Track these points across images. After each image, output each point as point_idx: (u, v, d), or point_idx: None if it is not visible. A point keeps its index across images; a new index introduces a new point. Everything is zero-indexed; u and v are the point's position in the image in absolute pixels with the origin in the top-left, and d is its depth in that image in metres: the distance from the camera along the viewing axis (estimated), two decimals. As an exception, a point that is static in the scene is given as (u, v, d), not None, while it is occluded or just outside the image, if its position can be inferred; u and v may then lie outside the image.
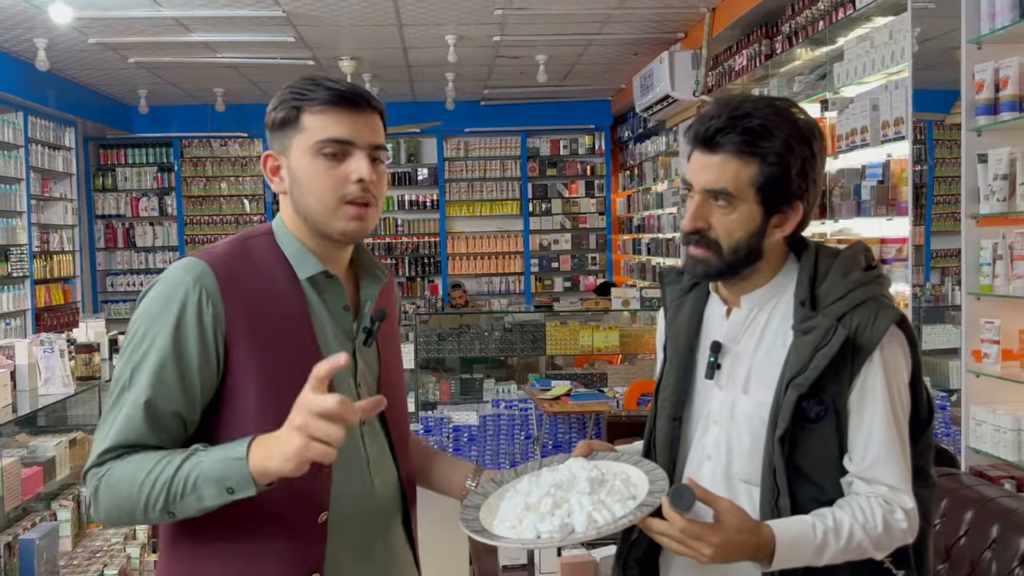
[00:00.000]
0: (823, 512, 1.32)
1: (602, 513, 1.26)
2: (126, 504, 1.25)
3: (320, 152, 1.32)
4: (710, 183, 1.36)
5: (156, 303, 1.29)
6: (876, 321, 1.32)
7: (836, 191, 3.97)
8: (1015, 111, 2.77)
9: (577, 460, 1.39)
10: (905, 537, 1.33)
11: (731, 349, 1.43)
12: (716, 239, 1.37)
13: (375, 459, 1.40)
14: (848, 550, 1.30)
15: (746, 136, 1.33)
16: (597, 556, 2.42)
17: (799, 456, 1.34)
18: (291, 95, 1.35)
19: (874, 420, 1.32)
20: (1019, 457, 2.76)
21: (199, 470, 1.21)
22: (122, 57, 6.78)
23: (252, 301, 1.31)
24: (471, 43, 6.52)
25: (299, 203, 1.36)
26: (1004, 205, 2.80)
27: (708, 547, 1.25)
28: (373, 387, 1.43)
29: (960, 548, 2.19)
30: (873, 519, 1.31)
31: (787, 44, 4.66)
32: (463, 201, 9.58)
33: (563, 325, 6.22)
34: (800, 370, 1.32)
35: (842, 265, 1.38)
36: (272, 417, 1.23)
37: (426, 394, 6.28)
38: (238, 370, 1.29)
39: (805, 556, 1.30)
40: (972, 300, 2.97)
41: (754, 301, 1.42)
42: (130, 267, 9.33)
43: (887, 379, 1.32)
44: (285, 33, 6.16)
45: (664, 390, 1.50)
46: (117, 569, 3.09)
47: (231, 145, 9.31)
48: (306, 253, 1.37)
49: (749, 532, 1.28)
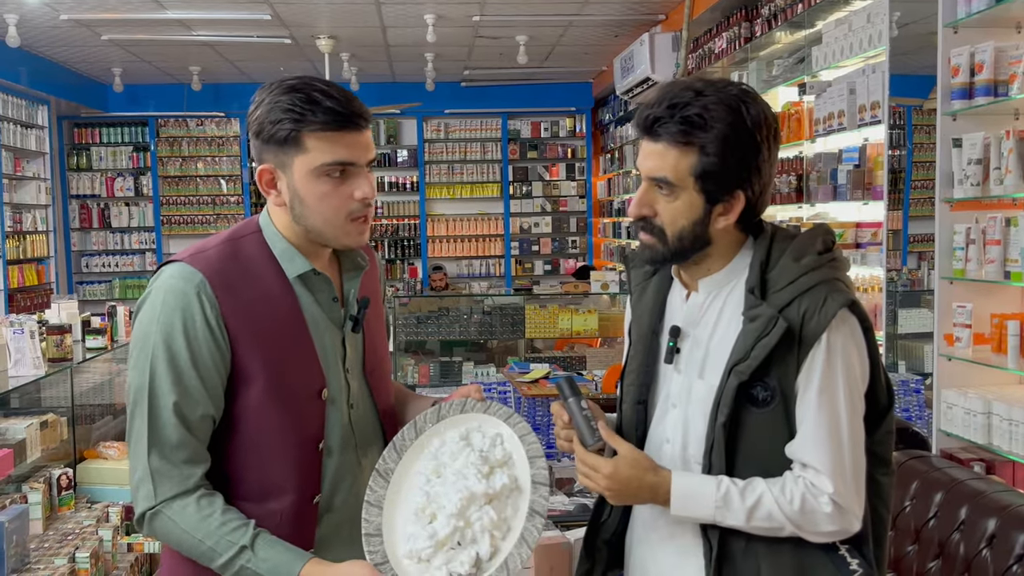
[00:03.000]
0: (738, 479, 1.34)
1: (500, 530, 1.32)
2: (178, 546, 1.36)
3: (324, 174, 1.36)
4: (652, 171, 1.36)
5: (161, 312, 1.34)
6: (824, 306, 1.31)
7: (813, 175, 3.98)
8: (990, 96, 2.78)
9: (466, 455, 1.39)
10: (833, 522, 1.32)
11: (690, 333, 1.43)
12: (661, 226, 1.37)
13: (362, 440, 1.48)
14: (758, 517, 1.32)
15: (683, 126, 1.31)
16: (571, 538, 2.43)
17: (745, 440, 1.35)
18: (289, 114, 1.35)
19: (809, 403, 1.32)
20: (989, 440, 2.79)
21: (248, 574, 1.31)
22: (95, 34, 6.67)
23: (247, 302, 1.37)
24: (450, 23, 6.46)
25: (302, 219, 1.40)
26: (978, 190, 2.82)
27: (603, 478, 1.36)
28: (359, 368, 1.50)
29: (929, 530, 2.21)
30: (790, 495, 1.31)
31: (766, 27, 4.65)
32: (443, 183, 9.53)
33: (542, 308, 6.22)
34: (742, 357, 1.33)
35: (795, 249, 1.37)
36: (273, 408, 1.36)
37: (405, 377, 6.27)
38: (243, 366, 1.36)
39: (705, 507, 1.33)
40: (945, 284, 3.00)
41: (711, 286, 1.42)
42: (105, 248, 9.22)
43: (829, 363, 1.32)
44: (261, 11, 6.07)
45: (629, 374, 1.50)
46: (89, 552, 3.05)
47: (208, 124, 9.19)
48: (293, 252, 1.42)
49: (644, 469, 1.36)
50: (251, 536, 1.31)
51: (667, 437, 1.44)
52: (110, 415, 4.16)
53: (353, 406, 1.48)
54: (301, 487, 1.40)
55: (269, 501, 1.37)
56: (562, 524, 2.66)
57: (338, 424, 1.44)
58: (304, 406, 1.40)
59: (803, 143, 4.09)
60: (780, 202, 4.20)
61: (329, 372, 1.43)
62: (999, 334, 2.79)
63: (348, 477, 1.44)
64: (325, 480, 1.43)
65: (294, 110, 1.34)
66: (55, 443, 3.48)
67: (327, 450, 1.43)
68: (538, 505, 1.32)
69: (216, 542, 1.31)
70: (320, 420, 1.42)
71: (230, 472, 1.39)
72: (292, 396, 1.39)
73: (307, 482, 1.40)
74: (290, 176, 1.38)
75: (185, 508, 1.32)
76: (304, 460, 1.40)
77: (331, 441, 1.43)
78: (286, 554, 1.31)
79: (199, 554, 1.32)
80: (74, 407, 3.68)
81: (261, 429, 1.38)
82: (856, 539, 1.37)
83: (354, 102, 1.38)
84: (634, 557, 1.52)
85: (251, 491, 1.37)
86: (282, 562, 1.30)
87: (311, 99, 1.34)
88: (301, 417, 1.40)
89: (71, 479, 3.46)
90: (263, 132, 1.37)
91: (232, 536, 1.31)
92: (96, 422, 4.01)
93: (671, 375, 1.44)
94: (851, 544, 1.37)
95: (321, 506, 1.42)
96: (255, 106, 1.39)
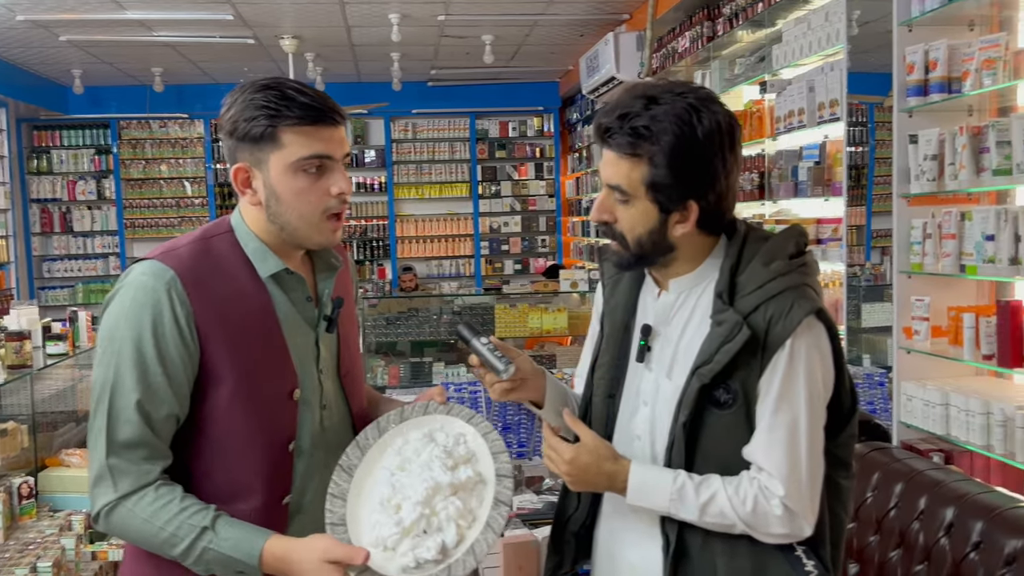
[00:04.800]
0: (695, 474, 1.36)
1: (466, 519, 1.33)
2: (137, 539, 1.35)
3: (301, 169, 1.36)
4: (608, 179, 1.37)
5: (130, 309, 1.33)
6: (790, 313, 1.32)
7: (775, 172, 4.02)
8: (944, 92, 2.82)
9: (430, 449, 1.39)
10: (783, 525, 1.33)
11: (661, 332, 1.44)
12: (622, 232, 1.38)
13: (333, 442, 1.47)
14: (711, 513, 1.33)
15: (631, 138, 1.31)
16: (539, 535, 2.44)
17: (706, 440, 1.36)
18: (264, 110, 1.35)
19: (767, 407, 1.33)
20: (947, 430, 2.84)
21: (211, 556, 1.30)
22: (53, 35, 6.55)
23: (218, 301, 1.36)
24: (415, 22, 6.44)
25: (278, 216, 1.39)
26: (934, 185, 2.86)
27: (563, 463, 1.39)
28: (334, 369, 1.50)
29: (890, 520, 2.25)
30: (743, 495, 1.33)
31: (728, 26, 4.69)
32: (412, 184, 9.50)
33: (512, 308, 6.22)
34: (706, 361, 1.34)
35: (766, 253, 1.37)
36: (242, 409, 1.36)
37: (375, 379, 6.24)
38: (213, 366, 1.35)
39: (661, 499, 1.35)
40: (903, 278, 3.04)
41: (682, 286, 1.43)
42: (68, 252, 9.06)
43: (792, 369, 1.32)
44: (223, 11, 6.01)
45: (600, 368, 1.50)
46: (51, 561, 3.00)
47: (171, 126, 9.07)
48: (266, 251, 1.41)
49: (604, 458, 1.39)
50: (212, 517, 1.31)
51: (637, 434, 1.45)
52: (72, 422, 4.09)
53: (326, 407, 1.47)
54: (271, 488, 1.39)
55: (238, 502, 1.36)
56: (530, 522, 2.67)
57: (310, 425, 1.44)
58: (275, 407, 1.40)
59: (765, 141, 4.14)
60: (743, 199, 4.24)
61: (302, 373, 1.42)
62: (956, 327, 2.83)
63: (319, 478, 1.43)
64: (296, 481, 1.42)
65: (269, 106, 1.34)
66: (15, 451, 3.42)
67: (298, 451, 1.42)
68: (503, 496, 1.33)
69: (177, 527, 1.30)
70: (292, 421, 1.41)
71: (198, 472, 1.38)
72: (263, 396, 1.39)
73: (277, 483, 1.40)
74: (266, 173, 1.38)
75: (143, 498, 1.31)
76: (274, 461, 1.39)
77: (302, 442, 1.43)
78: (248, 531, 1.31)
79: (160, 543, 1.31)
80: (35, 414, 3.61)
81: (230, 429, 1.37)
82: (813, 541, 1.38)
83: (328, 99, 1.39)
84: (601, 549, 1.53)
85: (219, 491, 1.36)
86: (244, 539, 1.30)
87: (285, 96, 1.35)
88: (272, 418, 1.39)
89: (32, 488, 3.40)
90: (237, 130, 1.36)
91: (193, 520, 1.30)
92: (58, 429, 3.94)
93: (642, 372, 1.45)
94: (808, 545, 1.38)
95: (291, 507, 1.42)
96: (227, 107, 1.38)
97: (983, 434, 2.70)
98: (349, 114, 8.98)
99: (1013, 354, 2.58)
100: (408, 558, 1.29)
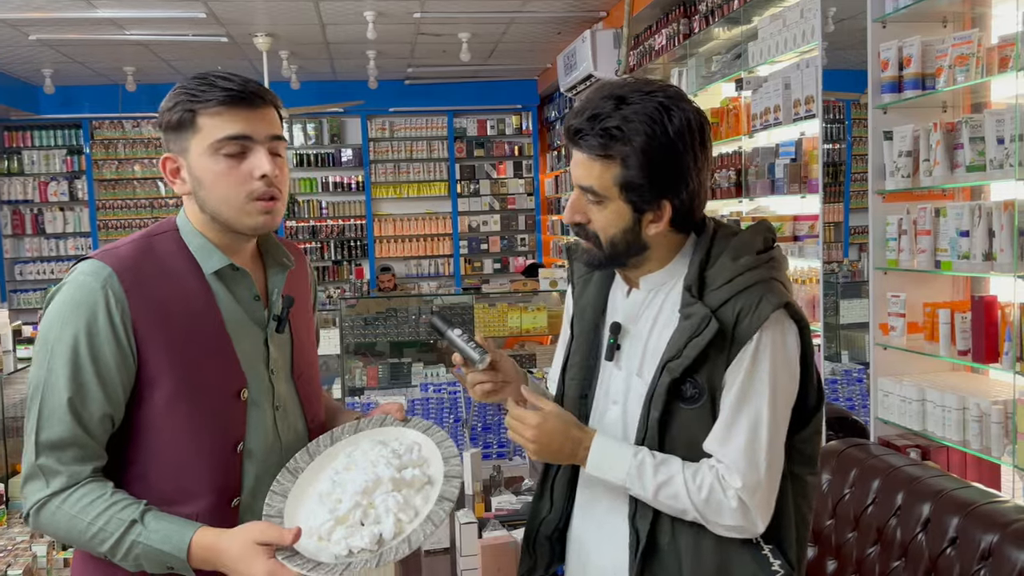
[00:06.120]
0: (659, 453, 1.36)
1: (407, 513, 1.31)
2: (68, 536, 1.31)
3: (219, 152, 1.34)
4: (579, 180, 1.36)
5: (65, 308, 1.30)
6: (759, 307, 1.31)
7: (751, 170, 4.02)
8: (918, 89, 2.83)
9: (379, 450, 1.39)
10: (735, 517, 1.32)
11: (630, 330, 1.43)
12: (595, 233, 1.38)
13: (288, 445, 1.45)
14: (667, 494, 1.33)
15: (603, 139, 1.31)
16: (518, 537, 2.42)
17: (672, 435, 1.36)
18: (185, 96, 1.35)
19: (730, 400, 1.33)
20: (923, 426, 2.85)
21: (139, 550, 1.27)
22: (22, 34, 6.44)
23: (159, 300, 1.33)
24: (391, 19, 6.39)
25: (205, 203, 1.37)
26: (908, 181, 2.87)
27: (529, 429, 1.37)
28: (287, 371, 1.47)
29: (868, 516, 2.25)
30: (700, 481, 1.33)
31: (704, 23, 4.69)
32: (390, 183, 9.44)
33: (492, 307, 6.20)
34: (675, 355, 1.33)
35: (734, 248, 1.37)
36: (184, 411, 1.33)
37: (353, 380, 6.19)
38: (151, 367, 1.32)
39: (618, 471, 1.35)
40: (879, 275, 3.05)
41: (652, 283, 1.42)
42: (40, 255, 8.94)
43: (756, 363, 1.32)
44: (196, 9, 5.93)
45: (572, 367, 1.50)
46: (22, 569, 2.95)
47: (144, 126, 8.97)
48: (211, 248, 1.39)
49: (569, 424, 1.38)
50: (141, 511, 1.28)
51: (608, 433, 1.43)
52: (44, 427, 4.02)
53: (279, 408, 1.44)
54: (218, 490, 1.36)
55: (182, 504, 1.33)
56: (509, 523, 2.65)
57: (261, 426, 1.40)
58: (221, 407, 1.36)
59: (741, 138, 4.14)
60: (720, 197, 4.25)
61: (250, 372, 1.39)
62: (931, 323, 2.85)
63: (271, 480, 1.40)
64: (245, 483, 1.39)
65: (188, 92, 1.34)
66: (-16, 458, 3.36)
67: (247, 452, 1.39)
68: (448, 493, 1.32)
69: (106, 522, 1.27)
70: (240, 421, 1.38)
71: (139, 474, 1.35)
72: (207, 396, 1.35)
73: (225, 485, 1.37)
74: (188, 160, 1.36)
75: (72, 494, 1.29)
76: (221, 462, 1.36)
77: (252, 443, 1.40)
78: (177, 523, 1.29)
79: (88, 539, 1.28)
80: (4, 420, 3.55)
81: (173, 430, 1.34)
82: (779, 539, 1.38)
83: (252, 83, 1.36)
84: (572, 551, 1.52)
85: (164, 494, 1.33)
86: (173, 531, 1.27)
87: (207, 81, 1.35)
88: (217, 418, 1.36)
89: (2, 494, 3.34)
90: (163, 121, 1.37)
91: (122, 514, 1.28)
92: (29, 435, 3.88)
93: (612, 371, 1.44)
94: (775, 544, 1.38)
95: (241, 509, 1.38)
96: (163, 102, 1.38)
97: (959, 429, 2.71)
98: (324, 113, 8.93)
99: (988, 349, 2.60)
100: (341, 546, 1.27)
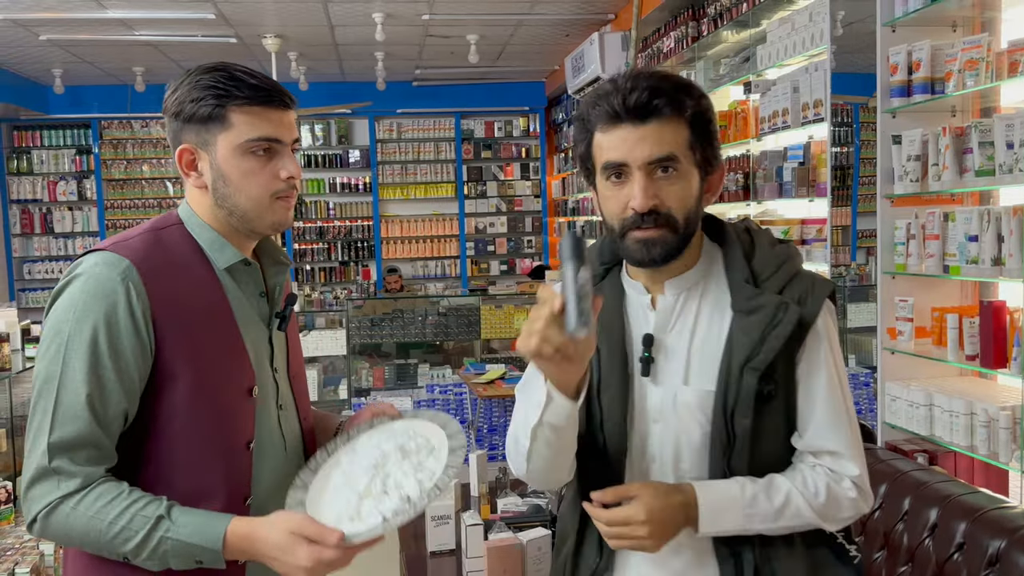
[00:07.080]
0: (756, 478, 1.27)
1: (423, 473, 1.29)
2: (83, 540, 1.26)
3: (250, 151, 1.33)
4: (654, 154, 1.25)
5: (82, 299, 1.26)
6: (815, 290, 1.30)
7: (759, 173, 4.02)
8: (927, 93, 2.83)
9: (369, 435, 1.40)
10: (857, 507, 1.29)
11: (662, 341, 1.33)
12: (669, 213, 1.26)
13: (289, 443, 1.46)
14: (786, 515, 1.26)
15: (675, 96, 1.26)
16: (524, 539, 2.42)
17: (762, 440, 1.28)
18: (212, 90, 1.32)
19: (819, 388, 1.29)
20: (931, 431, 2.84)
21: (168, 545, 1.23)
22: (33, 34, 6.47)
23: (176, 293, 1.31)
24: (399, 21, 6.41)
25: (227, 199, 1.36)
26: (917, 186, 2.86)
27: (640, 526, 1.22)
28: (284, 368, 1.47)
29: (875, 521, 2.25)
30: (815, 486, 1.27)
31: (713, 26, 4.69)
32: (397, 184, 9.46)
33: (498, 308, 6.20)
34: (753, 352, 1.25)
35: (762, 237, 1.36)
36: (201, 407, 1.30)
37: (359, 380, 6.20)
38: (169, 362, 1.29)
39: (734, 517, 1.24)
40: (887, 279, 3.04)
41: (679, 286, 1.34)
42: (48, 254, 8.97)
43: (830, 348, 1.31)
44: (205, 10, 5.96)
45: (608, 389, 1.33)
46: (29, 567, 2.96)
47: (153, 126, 8.99)
48: (222, 242, 1.38)
49: (668, 493, 1.24)
50: (166, 507, 1.24)
51: (653, 456, 1.32)
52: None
53: (283, 407, 1.44)
54: (232, 488, 1.34)
55: (198, 504, 1.30)
56: (515, 525, 2.65)
57: (268, 424, 1.40)
58: (234, 404, 1.35)
59: (749, 141, 4.14)
60: (728, 200, 4.24)
61: (258, 370, 1.38)
62: (939, 327, 2.84)
63: (280, 478, 1.39)
64: (256, 482, 1.37)
65: (217, 87, 1.32)
66: (-8, 456, 3.38)
67: (258, 450, 1.37)
68: (456, 446, 1.31)
69: (129, 520, 1.22)
70: (250, 419, 1.37)
71: (152, 474, 1.31)
72: (221, 393, 1.33)
73: (237, 484, 1.35)
74: (213, 155, 1.34)
75: (88, 495, 1.23)
76: (233, 461, 1.34)
77: (262, 441, 1.38)
78: (207, 516, 1.25)
79: (108, 541, 1.22)
80: (12, 418, 3.57)
81: (188, 427, 1.30)
82: (847, 527, 1.36)
83: (277, 83, 1.37)
84: None
85: (176, 494, 1.29)
86: (204, 524, 1.24)
87: (234, 76, 1.33)
88: (231, 416, 1.34)
89: (10, 493, 3.35)
90: (183, 111, 1.33)
91: (145, 511, 1.23)
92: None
93: (647, 388, 1.32)
94: (844, 532, 1.36)
95: (253, 508, 1.36)
96: (173, 88, 1.35)
97: (967, 435, 2.70)
98: (332, 114, 8.95)
99: (996, 354, 2.59)
100: (376, 517, 1.25)
